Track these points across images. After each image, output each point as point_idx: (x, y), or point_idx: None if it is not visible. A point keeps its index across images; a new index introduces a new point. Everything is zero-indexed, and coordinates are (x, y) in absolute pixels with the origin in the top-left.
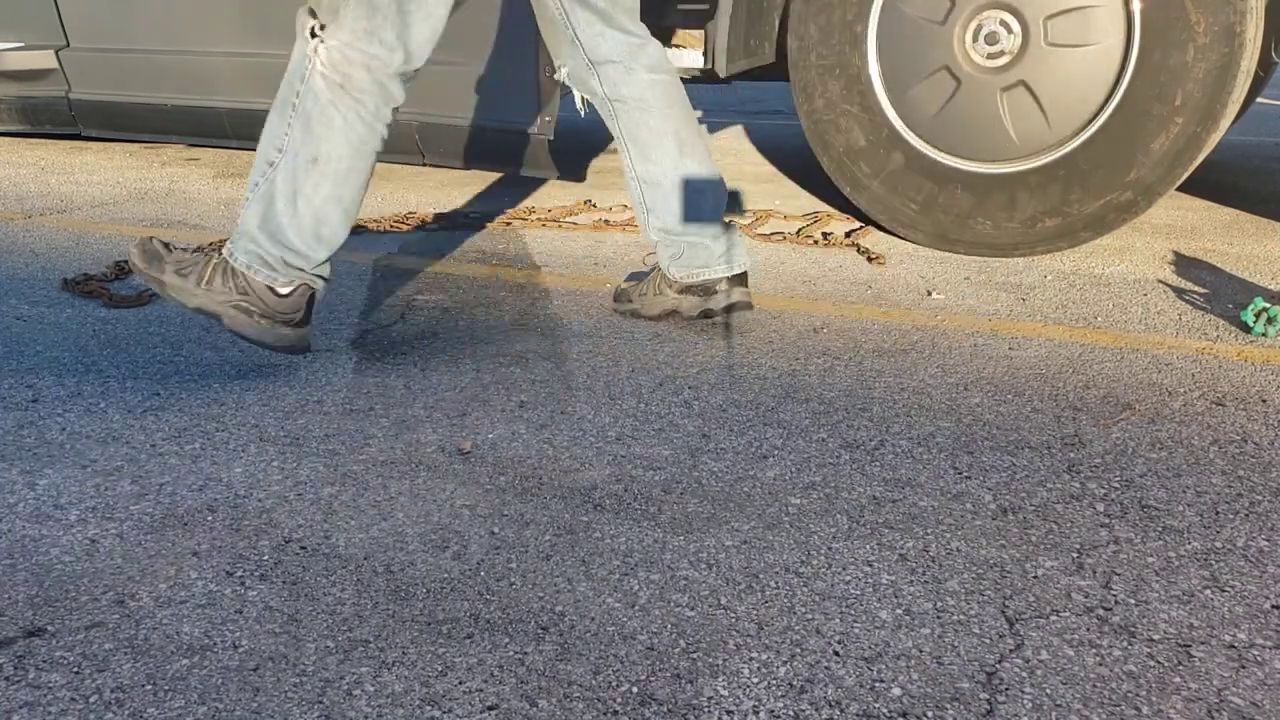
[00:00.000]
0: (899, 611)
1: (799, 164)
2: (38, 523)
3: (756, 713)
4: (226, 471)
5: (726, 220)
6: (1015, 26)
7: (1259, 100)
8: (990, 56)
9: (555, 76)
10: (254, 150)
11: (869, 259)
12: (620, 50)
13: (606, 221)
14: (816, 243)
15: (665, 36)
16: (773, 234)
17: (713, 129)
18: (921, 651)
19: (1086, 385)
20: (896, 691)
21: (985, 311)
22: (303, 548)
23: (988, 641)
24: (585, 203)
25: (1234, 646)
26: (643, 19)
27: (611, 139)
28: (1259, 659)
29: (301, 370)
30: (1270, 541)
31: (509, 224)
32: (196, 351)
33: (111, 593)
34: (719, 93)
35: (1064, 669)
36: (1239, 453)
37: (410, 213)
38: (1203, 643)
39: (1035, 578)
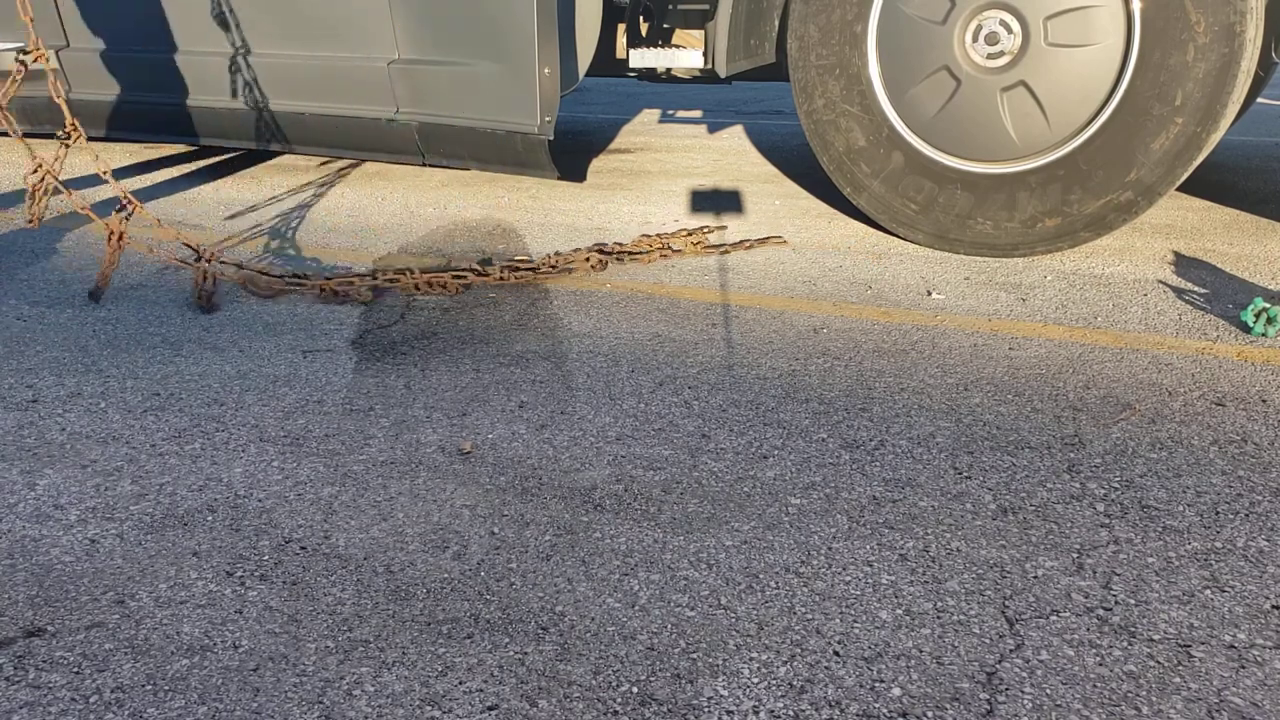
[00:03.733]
0: (899, 611)
1: (799, 164)
2: (38, 523)
3: (756, 713)
4: (226, 471)
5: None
6: (1015, 26)
7: (1259, 100)
8: (990, 57)
9: None
10: (253, 149)
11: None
12: None
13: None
14: (725, 252)
15: (665, 36)
16: (720, 246)
17: (713, 129)
18: (921, 651)
19: (1086, 385)
20: (896, 691)
21: (985, 311)
22: (303, 548)
23: (988, 641)
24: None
25: (1234, 646)
26: (643, 19)
27: (612, 139)
28: (1259, 659)
29: (302, 370)
30: (1270, 541)
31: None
32: (196, 351)
33: (111, 593)
34: (719, 92)
35: (1064, 669)
36: (1239, 453)
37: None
38: (1203, 643)
39: (1035, 578)
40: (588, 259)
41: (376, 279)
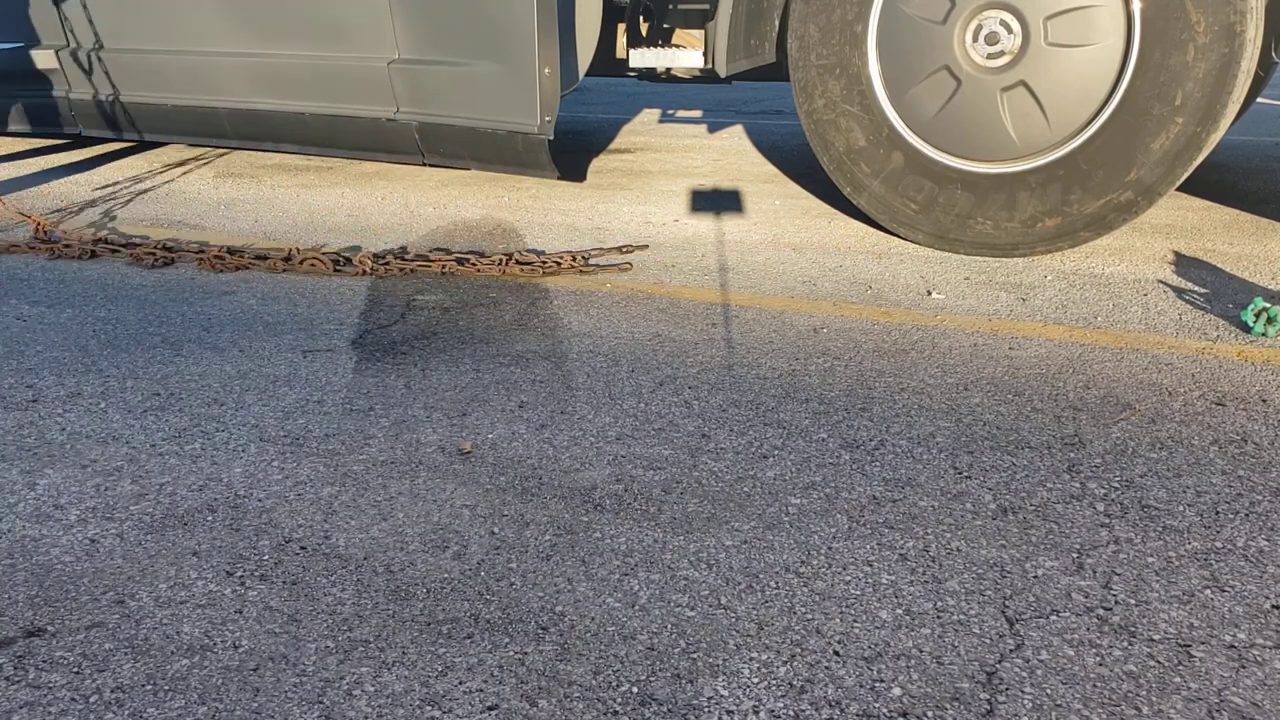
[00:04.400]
0: (899, 611)
1: (799, 164)
2: (38, 523)
3: (756, 713)
4: (226, 471)
5: None
6: (1015, 26)
7: (1259, 100)
8: (990, 56)
9: None
10: (252, 149)
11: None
12: None
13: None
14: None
15: (665, 36)
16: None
17: (713, 129)
18: (921, 651)
19: (1086, 385)
20: (896, 691)
21: (985, 311)
22: (303, 548)
23: (988, 641)
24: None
25: (1234, 646)
26: (643, 19)
27: (612, 139)
28: (1259, 659)
29: (301, 370)
30: (1270, 541)
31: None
32: (196, 351)
33: (111, 593)
34: (719, 92)
35: (1064, 669)
36: (1239, 453)
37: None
38: (1203, 643)
39: (1035, 578)
40: (368, 261)
41: (171, 250)
